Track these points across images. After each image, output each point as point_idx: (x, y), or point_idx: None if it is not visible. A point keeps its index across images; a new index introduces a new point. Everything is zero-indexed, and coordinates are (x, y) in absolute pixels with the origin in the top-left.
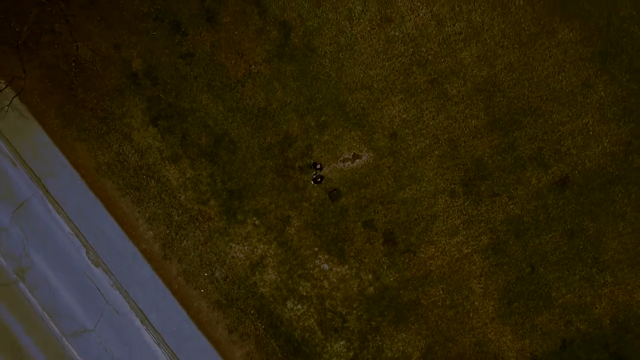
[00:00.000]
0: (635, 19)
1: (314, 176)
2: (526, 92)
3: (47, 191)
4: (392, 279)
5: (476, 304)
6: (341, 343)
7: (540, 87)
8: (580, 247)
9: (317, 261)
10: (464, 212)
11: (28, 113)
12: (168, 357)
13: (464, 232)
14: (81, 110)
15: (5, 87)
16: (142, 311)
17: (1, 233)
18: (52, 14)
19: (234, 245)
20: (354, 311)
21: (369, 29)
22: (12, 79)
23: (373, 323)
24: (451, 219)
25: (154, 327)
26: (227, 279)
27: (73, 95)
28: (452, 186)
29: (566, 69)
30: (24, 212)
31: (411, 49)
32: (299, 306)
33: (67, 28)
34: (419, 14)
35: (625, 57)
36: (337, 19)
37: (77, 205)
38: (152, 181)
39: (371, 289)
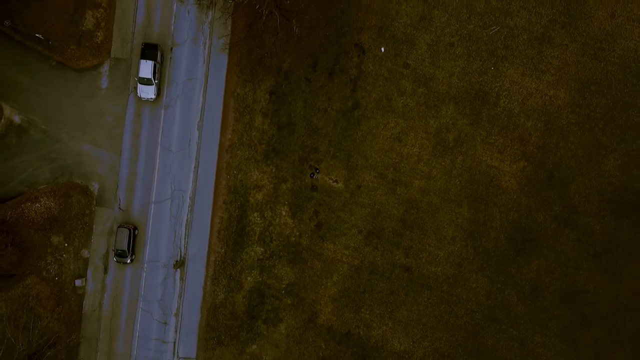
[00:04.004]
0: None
1: (312, 174)
2: (428, 221)
3: (206, 82)
4: (304, 243)
5: (329, 284)
6: (261, 249)
7: (432, 229)
8: (391, 300)
9: (282, 208)
10: (357, 244)
11: (227, 49)
12: (193, 182)
13: (350, 251)
14: (249, 65)
15: (238, 41)
16: (199, 161)
17: (173, 84)
18: (273, 13)
19: (256, 171)
20: (278, 242)
21: (390, 145)
22: (239, 40)
23: (280, 253)
24: (350, 241)
25: (197, 172)
26: (242, 181)
27: (251, 56)
28: (362, 229)
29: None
30: (190, 83)
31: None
32: (258, 219)
33: (274, 24)
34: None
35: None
36: (380, 122)
37: (213, 98)
38: (248, 116)
39: (292, 239)
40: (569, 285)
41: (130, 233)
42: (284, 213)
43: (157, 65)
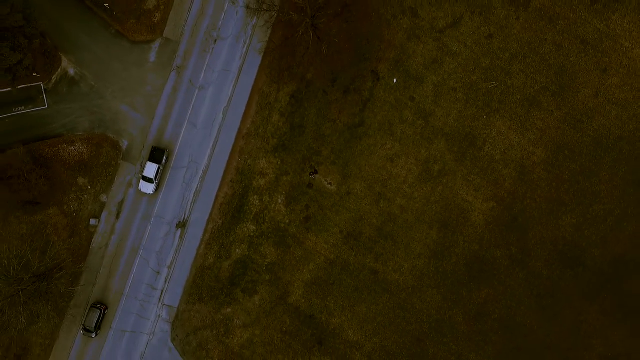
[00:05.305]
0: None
1: (311, 173)
2: (402, 236)
3: (239, 76)
4: (292, 230)
5: (304, 270)
6: (253, 227)
7: (403, 243)
8: (355, 296)
9: (279, 197)
10: (336, 242)
11: (262, 52)
12: (208, 157)
13: (329, 246)
14: (278, 69)
15: (273, 47)
16: (217, 141)
17: (210, 71)
18: (308, 32)
19: (263, 160)
20: (269, 225)
21: (383, 163)
22: (275, 47)
23: (269, 235)
24: (330, 238)
25: (214, 150)
26: (250, 166)
27: (282, 62)
28: (343, 229)
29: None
30: (224, 74)
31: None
32: (257, 201)
33: (307, 40)
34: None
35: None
36: (379, 141)
37: (241, 90)
38: (267, 111)
39: (282, 225)
40: (510, 316)
41: (100, 314)
42: (279, 201)
43: (160, 168)
